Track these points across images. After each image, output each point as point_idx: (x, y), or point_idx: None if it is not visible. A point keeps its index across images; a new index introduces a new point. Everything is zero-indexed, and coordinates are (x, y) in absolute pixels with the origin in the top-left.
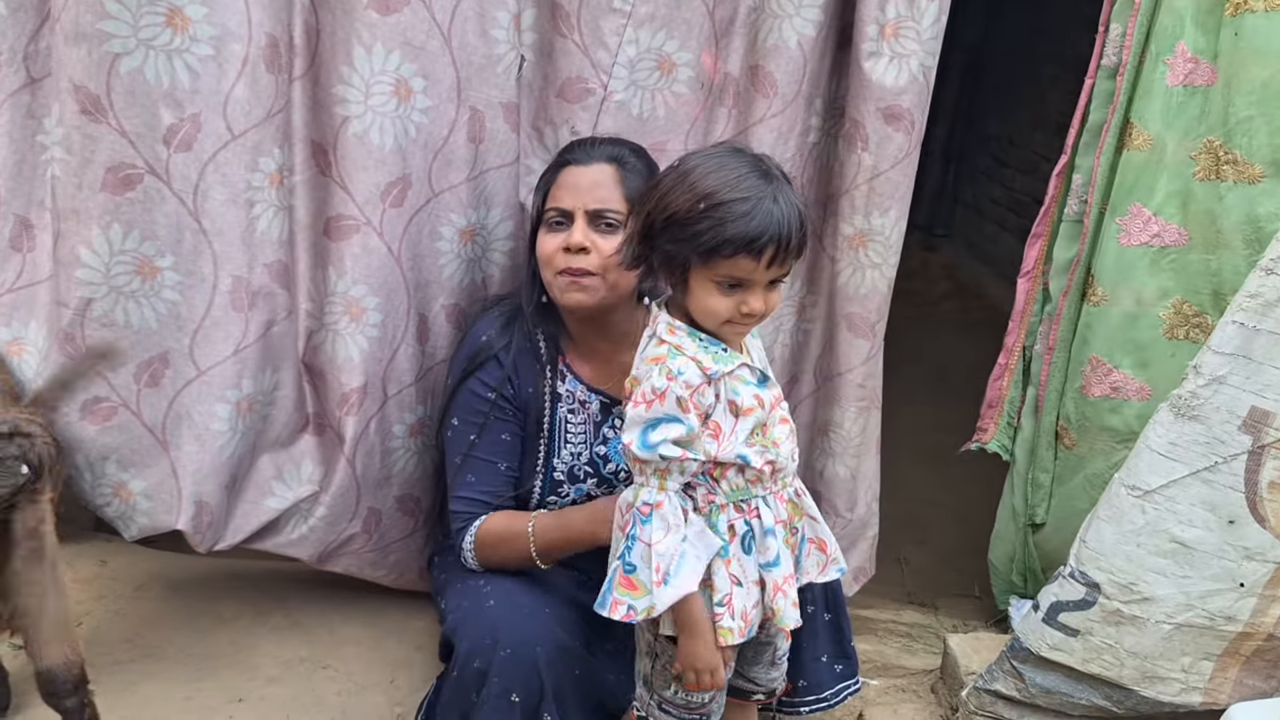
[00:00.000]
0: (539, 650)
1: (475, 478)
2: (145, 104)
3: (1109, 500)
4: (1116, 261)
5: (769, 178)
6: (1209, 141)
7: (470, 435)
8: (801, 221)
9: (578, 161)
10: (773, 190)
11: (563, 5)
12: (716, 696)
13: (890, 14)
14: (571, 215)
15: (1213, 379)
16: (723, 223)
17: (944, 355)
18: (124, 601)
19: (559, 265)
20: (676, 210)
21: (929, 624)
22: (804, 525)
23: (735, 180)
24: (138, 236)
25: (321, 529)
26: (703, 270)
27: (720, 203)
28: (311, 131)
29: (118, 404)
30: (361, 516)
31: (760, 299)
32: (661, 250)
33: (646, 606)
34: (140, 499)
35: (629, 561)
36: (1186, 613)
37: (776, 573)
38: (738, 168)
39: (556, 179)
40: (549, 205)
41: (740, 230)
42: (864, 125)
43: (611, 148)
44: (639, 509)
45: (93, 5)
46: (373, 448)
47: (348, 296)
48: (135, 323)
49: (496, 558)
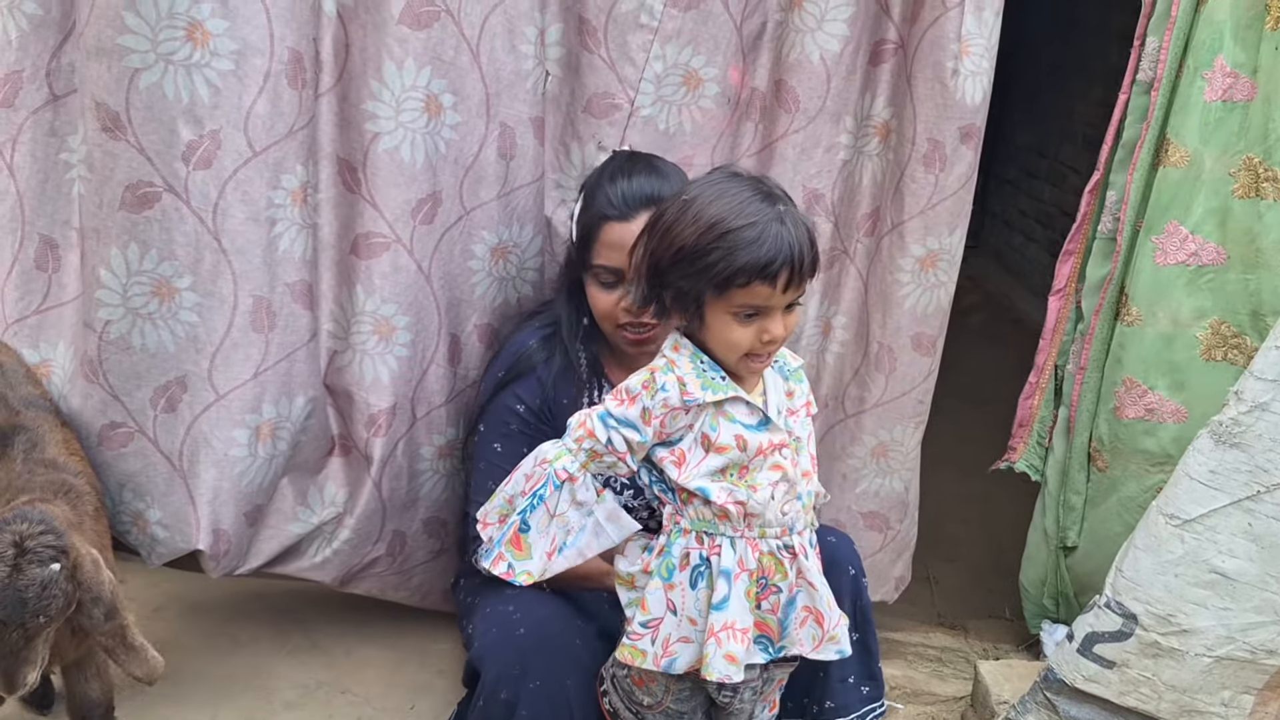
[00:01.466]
0: (569, 684)
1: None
2: (164, 120)
3: (1146, 529)
4: (1152, 281)
5: (772, 199)
6: (1248, 159)
7: (494, 444)
8: (811, 240)
9: (621, 218)
10: (777, 212)
11: (590, 21)
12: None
13: (964, 30)
14: (622, 273)
15: (1255, 405)
16: (732, 251)
17: (972, 367)
18: (142, 623)
19: (619, 320)
20: (684, 244)
21: (959, 647)
22: (800, 592)
23: (739, 206)
24: (155, 256)
25: (346, 552)
26: (719, 303)
27: (727, 231)
28: (338, 148)
29: (134, 429)
30: (386, 539)
31: (779, 324)
32: (673, 287)
33: (525, 571)
34: (157, 528)
35: (525, 520)
36: (1227, 645)
37: (717, 616)
38: (739, 193)
39: (599, 234)
40: (597, 262)
41: (752, 257)
42: (944, 145)
43: (648, 191)
44: (555, 471)
45: (112, 20)
46: (400, 470)
47: (377, 315)
48: (152, 346)
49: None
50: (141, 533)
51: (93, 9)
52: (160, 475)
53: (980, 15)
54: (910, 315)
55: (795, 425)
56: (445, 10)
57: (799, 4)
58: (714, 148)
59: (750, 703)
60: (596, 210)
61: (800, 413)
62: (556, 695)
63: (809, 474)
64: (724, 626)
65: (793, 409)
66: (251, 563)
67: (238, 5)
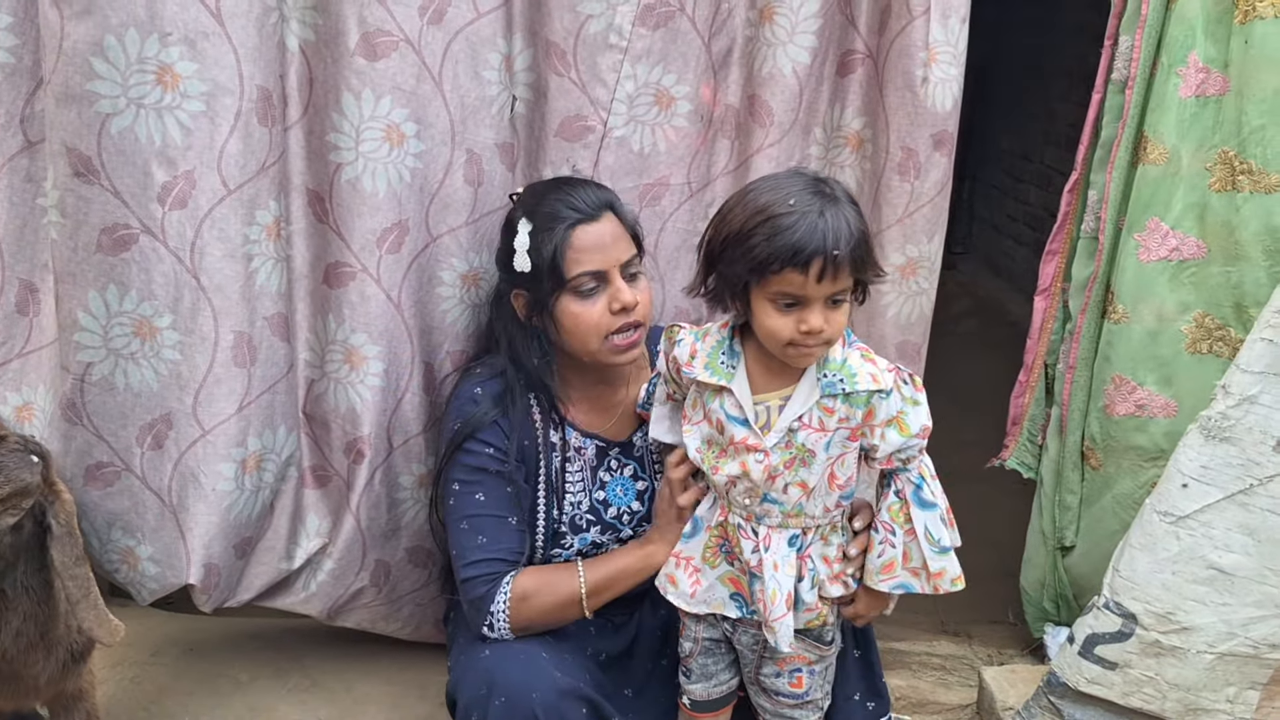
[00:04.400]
0: (535, 696)
1: (487, 538)
2: (137, 163)
3: (1141, 527)
4: (1136, 278)
5: (823, 195)
6: (1223, 152)
7: (476, 494)
8: (854, 236)
9: (589, 219)
10: (821, 204)
11: (557, 44)
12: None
13: (931, 39)
14: (605, 275)
15: (1243, 399)
16: (771, 237)
17: (965, 373)
18: (139, 668)
19: (610, 328)
20: (732, 229)
21: (963, 655)
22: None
23: (785, 196)
24: (135, 297)
25: (329, 584)
26: (759, 290)
27: (769, 217)
28: (307, 180)
29: (120, 468)
30: (369, 569)
31: (819, 316)
32: (721, 274)
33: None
34: (148, 564)
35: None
36: (1229, 641)
37: (681, 545)
38: (791, 185)
39: (570, 243)
40: (575, 273)
41: (785, 242)
42: (918, 153)
43: (601, 193)
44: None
45: (81, 66)
46: (378, 499)
47: (347, 344)
48: (135, 385)
49: (536, 610)
50: (132, 569)
51: (59, 56)
52: (150, 512)
53: (946, 23)
54: (894, 324)
55: (809, 439)
56: (405, 40)
57: (769, 18)
58: (689, 166)
59: (751, 650)
60: (559, 222)
61: (835, 432)
62: (521, 708)
63: (805, 486)
64: (681, 554)
65: (820, 426)
66: (242, 595)
67: (206, 48)
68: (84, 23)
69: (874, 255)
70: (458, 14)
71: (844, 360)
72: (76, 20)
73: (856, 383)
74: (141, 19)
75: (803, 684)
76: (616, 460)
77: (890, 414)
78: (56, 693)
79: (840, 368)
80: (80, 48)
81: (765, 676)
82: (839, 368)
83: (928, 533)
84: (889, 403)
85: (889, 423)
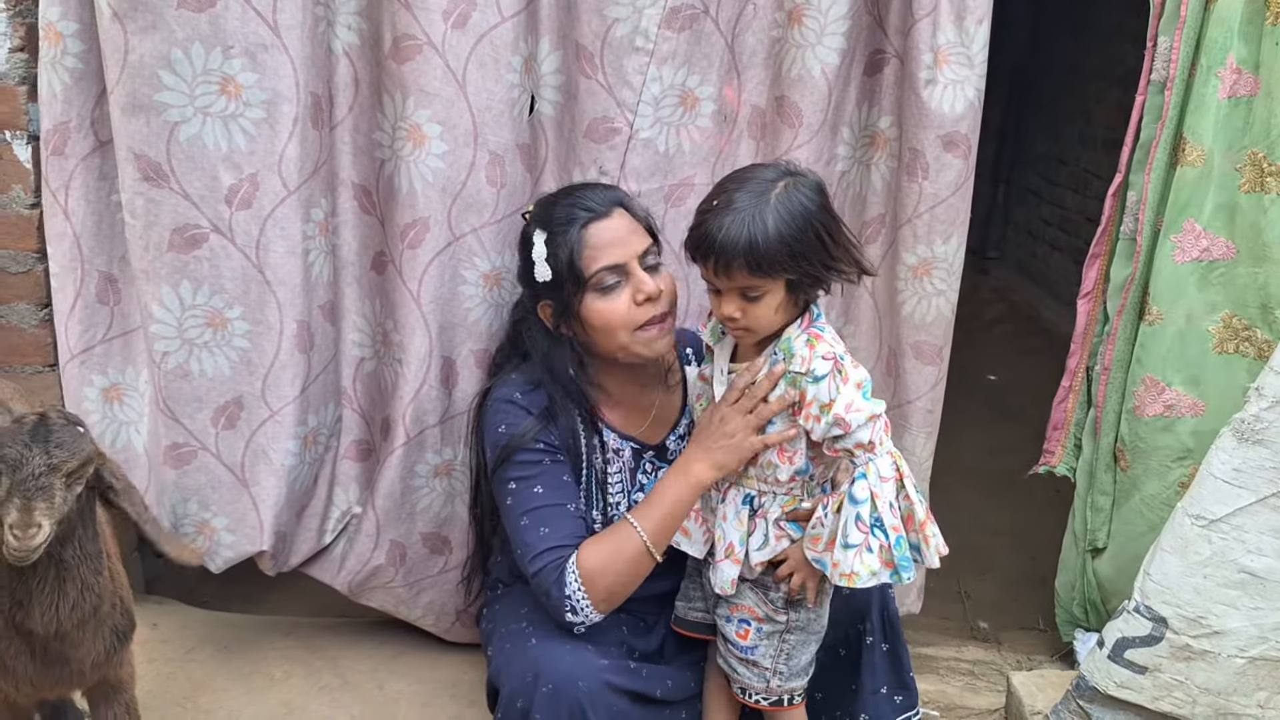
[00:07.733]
0: (581, 685)
1: (549, 529)
2: (205, 167)
3: (1173, 530)
4: (1171, 279)
5: (756, 194)
6: (1253, 153)
7: (534, 487)
8: (755, 241)
9: (601, 215)
10: (747, 202)
11: (586, 47)
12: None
13: (941, 40)
14: (625, 268)
15: (1276, 401)
16: (693, 228)
17: (1000, 379)
18: (175, 665)
19: (640, 320)
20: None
21: (992, 660)
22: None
23: (721, 189)
24: (207, 291)
25: (351, 558)
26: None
27: (700, 210)
28: (353, 175)
29: (196, 448)
30: (385, 548)
31: (731, 305)
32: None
33: None
34: (224, 534)
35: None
36: (1260, 645)
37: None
38: (741, 179)
39: (586, 241)
40: (595, 269)
41: (691, 236)
42: (924, 154)
43: (609, 191)
44: None
45: (149, 79)
46: (393, 482)
47: (383, 327)
48: (209, 371)
49: (611, 578)
50: (208, 539)
51: (124, 69)
52: (225, 486)
53: (961, 24)
54: (909, 323)
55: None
56: (429, 44)
57: (798, 20)
58: (714, 166)
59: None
60: (572, 224)
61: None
62: (568, 697)
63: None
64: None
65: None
66: (292, 561)
67: (265, 59)
68: (150, 38)
69: (802, 258)
70: (482, 18)
71: (789, 340)
72: (142, 35)
73: (793, 364)
74: (205, 34)
75: (748, 637)
76: (651, 463)
77: (823, 400)
78: (99, 680)
79: (784, 346)
80: (148, 61)
81: (719, 617)
82: (784, 346)
83: (844, 526)
84: (819, 388)
85: (823, 408)
